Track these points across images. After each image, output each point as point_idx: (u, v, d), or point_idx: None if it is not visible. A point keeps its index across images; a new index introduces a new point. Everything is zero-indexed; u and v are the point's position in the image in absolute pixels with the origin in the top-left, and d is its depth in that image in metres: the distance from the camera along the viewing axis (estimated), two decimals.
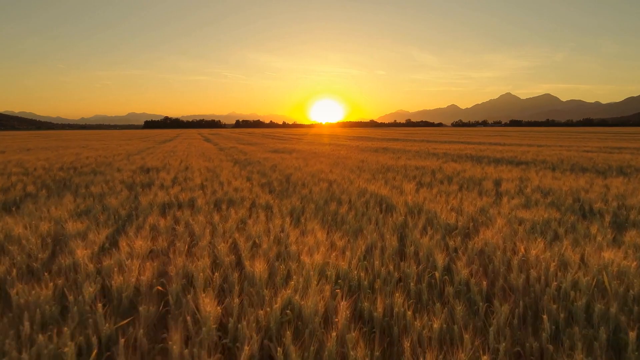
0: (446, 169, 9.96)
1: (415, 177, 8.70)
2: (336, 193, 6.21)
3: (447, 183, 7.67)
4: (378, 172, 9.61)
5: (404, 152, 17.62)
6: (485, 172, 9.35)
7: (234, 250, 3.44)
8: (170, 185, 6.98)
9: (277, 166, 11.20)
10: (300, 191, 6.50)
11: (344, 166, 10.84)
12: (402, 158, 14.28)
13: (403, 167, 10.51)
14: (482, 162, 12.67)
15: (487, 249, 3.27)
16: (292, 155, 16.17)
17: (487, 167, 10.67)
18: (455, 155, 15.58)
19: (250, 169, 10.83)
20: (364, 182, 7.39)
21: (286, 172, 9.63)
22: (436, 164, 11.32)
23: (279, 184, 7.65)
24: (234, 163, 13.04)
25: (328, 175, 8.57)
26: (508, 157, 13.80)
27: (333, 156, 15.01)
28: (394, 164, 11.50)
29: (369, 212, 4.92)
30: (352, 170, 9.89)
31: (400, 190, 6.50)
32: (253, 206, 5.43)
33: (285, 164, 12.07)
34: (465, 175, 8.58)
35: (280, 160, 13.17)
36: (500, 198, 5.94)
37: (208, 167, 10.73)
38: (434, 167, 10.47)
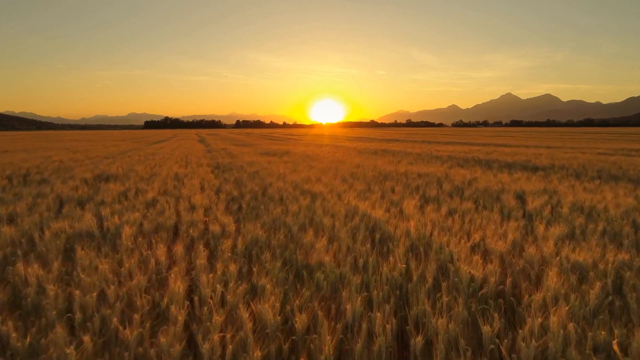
0: (454, 177, 8.56)
1: (418, 188, 7.30)
2: (318, 214, 4.81)
3: (458, 197, 6.26)
4: (374, 181, 8.20)
5: (404, 155, 16.21)
6: (500, 180, 7.94)
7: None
8: (112, 202, 5.58)
9: (259, 173, 9.80)
10: (274, 210, 5.10)
11: (336, 173, 9.44)
12: (402, 162, 12.87)
13: (403, 175, 9.10)
14: (493, 168, 11.26)
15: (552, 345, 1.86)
16: (282, 158, 14.77)
17: (500, 174, 9.27)
18: (461, 159, 14.16)
19: (228, 176, 9.43)
20: (355, 197, 5.98)
21: (267, 180, 8.23)
22: (441, 170, 9.91)
23: (252, 199, 6.25)
24: (214, 168, 11.63)
25: (314, 185, 7.17)
26: (521, 161, 12.39)
27: (327, 160, 13.61)
28: (394, 169, 10.09)
29: (356, 247, 3.52)
30: (344, 178, 8.49)
31: (400, 209, 5.09)
32: (200, 237, 4.02)
33: (270, 169, 10.67)
34: (478, 185, 7.17)
35: (267, 165, 11.77)
36: (531, 222, 4.53)
37: (179, 174, 9.33)
38: (439, 174, 9.06)
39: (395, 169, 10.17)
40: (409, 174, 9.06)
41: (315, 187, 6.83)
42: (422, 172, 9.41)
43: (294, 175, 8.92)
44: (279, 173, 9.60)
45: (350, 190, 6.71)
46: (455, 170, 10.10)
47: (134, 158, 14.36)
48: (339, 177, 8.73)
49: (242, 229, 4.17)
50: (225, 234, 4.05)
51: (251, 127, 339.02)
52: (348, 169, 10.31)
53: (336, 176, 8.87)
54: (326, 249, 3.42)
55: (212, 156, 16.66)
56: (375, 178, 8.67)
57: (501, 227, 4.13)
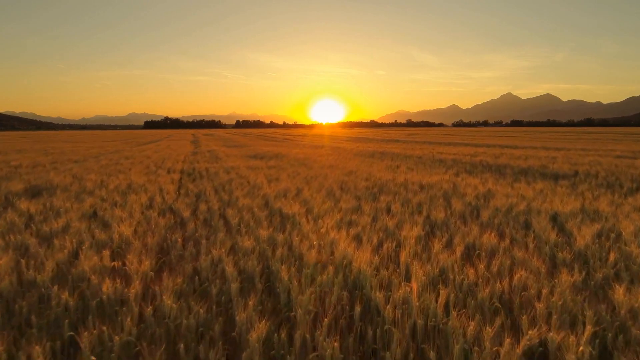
0: (463, 189, 7.05)
1: (420, 205, 5.79)
2: (277, 257, 3.32)
3: (474, 221, 4.77)
4: (366, 195, 6.69)
5: (404, 159, 14.70)
6: (521, 194, 6.45)
7: None
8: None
9: (232, 182, 8.31)
10: (212, 250, 3.59)
11: (323, 183, 7.94)
12: (401, 167, 11.38)
13: (402, 186, 7.60)
14: (506, 175, 9.76)
15: None
16: (268, 163, 13.28)
17: (517, 184, 7.77)
18: (468, 163, 12.65)
19: (193, 187, 7.94)
20: (338, 222, 4.49)
21: (235, 194, 6.74)
22: (447, 179, 8.41)
23: (201, 225, 4.75)
24: (184, 176, 10.13)
25: (290, 203, 5.67)
26: (536, 167, 10.88)
27: (317, 164, 12.12)
28: (391, 178, 8.59)
29: (318, 341, 2.03)
30: (331, 191, 6.99)
31: (398, 251, 3.59)
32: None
33: (248, 178, 9.18)
34: (496, 202, 5.65)
35: (246, 173, 10.28)
36: (591, 276, 3.03)
37: (133, 184, 7.83)
38: (445, 184, 7.56)
39: (393, 178, 8.67)
40: (409, 185, 7.56)
41: (290, 206, 5.32)
42: (424, 182, 7.91)
43: (271, 187, 7.43)
44: (254, 183, 8.10)
45: (334, 211, 5.21)
46: (464, 179, 8.60)
47: (101, 162, 12.86)
48: (325, 188, 7.23)
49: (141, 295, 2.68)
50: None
51: (251, 127, 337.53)
52: (338, 178, 8.82)
53: (321, 187, 7.37)
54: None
55: (193, 159, 15.17)
56: (368, 190, 7.17)
57: (553, 288, 2.63)
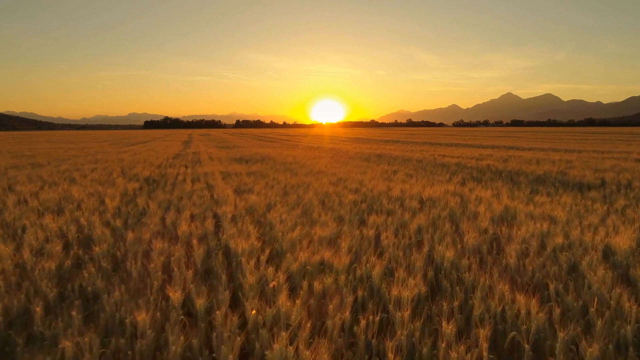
0: (474, 206, 5.63)
1: (420, 233, 4.38)
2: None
3: (497, 266, 3.36)
4: (351, 216, 5.27)
5: (402, 163, 13.29)
6: (549, 214, 5.04)
7: None
8: None
9: (194, 194, 6.89)
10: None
11: (302, 196, 6.53)
12: (399, 174, 9.97)
13: (398, 200, 6.18)
14: (521, 184, 8.33)
15: None
16: (251, 167, 11.88)
17: (538, 197, 6.35)
18: (474, 168, 11.23)
19: (143, 201, 6.52)
20: (295, 278, 3.09)
21: (184, 213, 5.33)
22: (452, 191, 7.00)
23: (100, 272, 3.36)
24: (148, 185, 8.72)
25: (244, 234, 4.27)
26: (553, 173, 9.45)
27: (303, 171, 10.71)
28: (385, 189, 7.19)
29: None
30: (307, 210, 5.58)
31: (382, 340, 2.18)
32: None
33: (215, 188, 7.79)
34: (522, 231, 4.23)
35: (217, 181, 8.88)
36: None
37: (69, 198, 6.42)
38: (450, 199, 6.13)
39: (387, 188, 7.26)
40: (407, 200, 6.14)
41: (244, 237, 3.91)
42: (425, 194, 6.48)
43: (236, 202, 6.02)
44: (219, 196, 6.70)
45: (303, 242, 3.81)
46: (472, 190, 7.19)
47: (61, 167, 11.46)
48: (303, 204, 5.82)
49: None
50: None
51: (251, 127, 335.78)
52: (323, 188, 7.41)
53: (299, 203, 5.96)
54: None
55: (169, 163, 13.76)
56: (355, 207, 5.76)
57: None
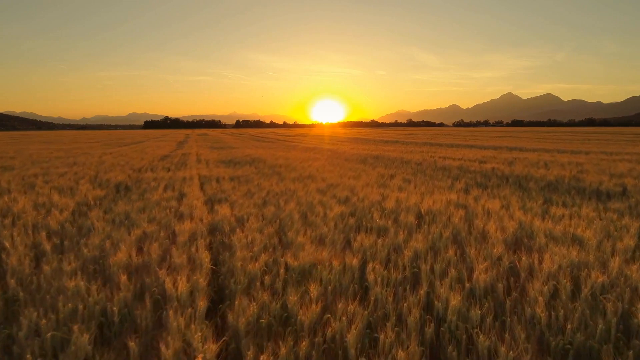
0: (482, 223, 4.75)
1: (416, 265, 3.50)
2: None
3: (519, 320, 2.48)
4: (334, 236, 4.38)
5: (400, 166, 12.40)
6: (574, 233, 4.16)
7: None
8: None
9: (160, 205, 6.01)
10: None
11: (282, 207, 5.65)
12: (396, 179, 9.09)
13: (392, 214, 5.29)
14: (532, 191, 7.44)
15: None
16: (237, 171, 11.01)
17: (555, 209, 5.47)
18: (478, 172, 10.34)
19: (102, 212, 5.64)
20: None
21: (136, 233, 4.46)
22: (455, 201, 6.11)
23: None
24: (117, 192, 7.83)
25: (190, 268, 3.39)
26: (566, 178, 8.57)
27: (292, 175, 9.83)
28: (379, 198, 6.31)
29: None
30: (283, 227, 4.70)
31: None
32: None
33: (187, 197, 6.92)
34: (546, 262, 3.35)
35: (193, 188, 8.01)
36: None
37: (10, 212, 5.55)
38: (454, 212, 5.24)
39: (381, 197, 6.38)
40: (402, 214, 5.24)
41: (178, 278, 3.03)
42: (424, 207, 5.60)
43: (206, 215, 5.14)
44: (186, 208, 5.81)
45: (266, 278, 2.93)
46: (478, 199, 6.32)
47: (30, 171, 10.57)
48: (279, 221, 4.93)
49: None
50: None
51: (251, 127, 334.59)
52: (309, 197, 6.53)
53: (275, 219, 5.08)
54: None
55: (152, 166, 12.88)
56: (341, 222, 4.88)
57: None
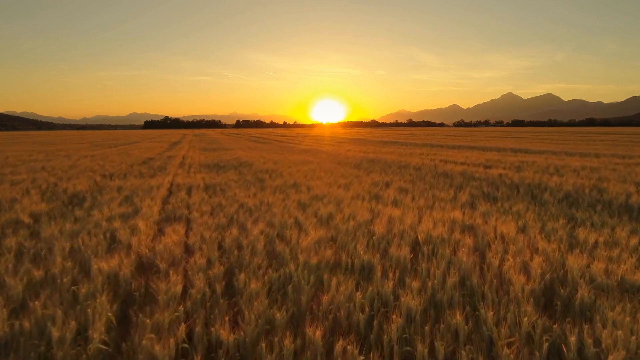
0: (496, 256, 3.68)
1: (409, 324, 2.44)
2: None
3: None
4: (298, 280, 3.31)
5: (397, 171, 11.31)
6: (627, 279, 3.10)
7: None
8: None
9: (85, 235, 4.95)
10: None
11: (250, 229, 4.58)
12: (392, 188, 8.02)
13: (382, 243, 4.22)
14: (549, 205, 6.36)
15: None
16: (219, 177, 9.95)
17: (585, 233, 4.40)
18: (484, 179, 9.26)
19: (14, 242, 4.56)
20: None
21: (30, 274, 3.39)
22: (460, 222, 5.04)
23: None
24: (64, 206, 6.76)
25: None
26: (586, 189, 7.48)
27: (274, 184, 8.77)
28: (368, 217, 5.24)
29: None
30: (237, 264, 3.62)
31: None
32: None
33: (127, 220, 5.85)
34: (599, 339, 2.29)
35: (148, 202, 6.95)
36: None
37: None
38: (460, 240, 4.18)
39: (372, 214, 5.31)
40: (394, 244, 4.16)
41: None
42: (422, 231, 4.51)
43: (127, 251, 4.08)
44: (121, 235, 4.75)
45: None
46: (487, 218, 5.24)
47: None
48: (234, 253, 3.87)
49: None
50: None
51: (251, 127, 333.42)
52: (284, 215, 5.46)
53: (230, 250, 4.01)
54: None
55: (126, 172, 11.81)
56: (315, 253, 3.81)
57: None
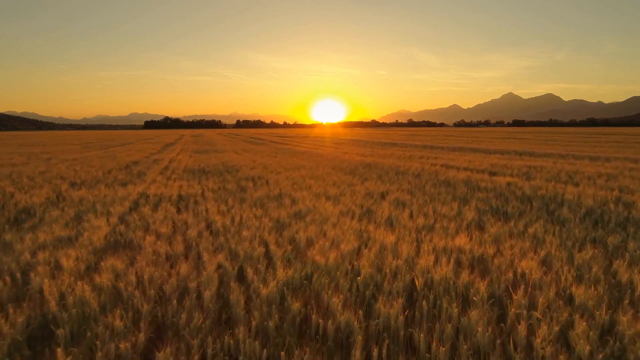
0: (523, 324, 2.73)
1: None
2: None
3: None
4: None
5: (395, 178, 10.34)
6: None
7: None
8: None
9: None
10: None
11: (207, 261, 3.64)
12: (387, 201, 7.06)
13: (369, 284, 3.26)
14: (571, 226, 5.40)
15: None
16: (198, 185, 9.01)
17: (629, 273, 3.46)
18: (491, 189, 8.29)
19: None
20: None
21: None
22: (467, 250, 4.08)
23: None
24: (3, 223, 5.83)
25: None
26: (611, 203, 6.52)
27: (256, 195, 7.83)
28: (356, 243, 4.29)
29: None
30: (162, 330, 2.67)
31: None
32: None
33: (52, 251, 4.91)
34: None
35: (100, 221, 6.01)
36: None
37: None
38: (466, 279, 3.23)
39: (360, 240, 4.36)
40: (383, 290, 3.20)
41: None
42: (421, 267, 3.56)
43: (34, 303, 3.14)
44: (42, 282, 3.80)
45: None
46: (500, 244, 4.30)
47: None
48: (159, 314, 2.92)
49: None
50: None
51: (251, 127, 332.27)
52: (250, 244, 4.52)
53: (177, 292, 3.07)
54: None
55: (100, 179, 10.87)
56: (277, 308, 2.86)
57: None
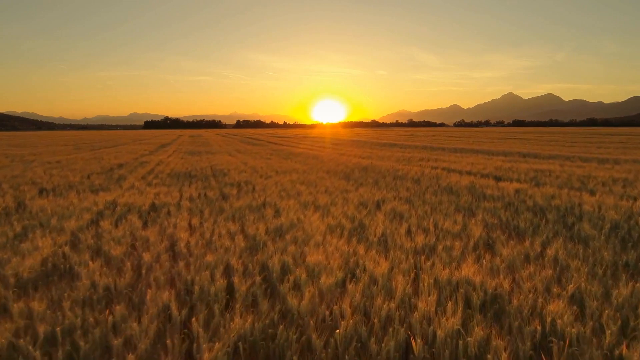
0: None
1: None
2: None
3: None
4: None
5: (393, 183, 9.53)
6: None
7: None
8: None
9: None
10: None
11: (154, 296, 2.85)
12: (383, 211, 6.26)
13: (349, 347, 2.47)
14: (596, 248, 4.59)
15: None
16: (185, 189, 8.21)
17: None
18: (499, 198, 7.48)
19: None
20: None
21: None
22: (477, 285, 3.29)
23: None
24: None
25: None
26: (637, 216, 5.71)
27: (237, 204, 7.03)
28: (341, 274, 3.49)
29: None
30: None
31: None
32: None
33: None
34: None
35: (45, 241, 5.21)
36: None
37: None
38: (479, 335, 2.44)
39: (347, 268, 3.57)
40: (372, 353, 2.41)
41: None
42: (418, 320, 2.76)
43: None
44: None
45: None
46: (515, 273, 3.50)
47: None
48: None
49: None
50: None
51: (251, 127, 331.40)
52: (215, 269, 3.72)
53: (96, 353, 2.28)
54: None
55: (72, 185, 10.07)
56: None
57: None
